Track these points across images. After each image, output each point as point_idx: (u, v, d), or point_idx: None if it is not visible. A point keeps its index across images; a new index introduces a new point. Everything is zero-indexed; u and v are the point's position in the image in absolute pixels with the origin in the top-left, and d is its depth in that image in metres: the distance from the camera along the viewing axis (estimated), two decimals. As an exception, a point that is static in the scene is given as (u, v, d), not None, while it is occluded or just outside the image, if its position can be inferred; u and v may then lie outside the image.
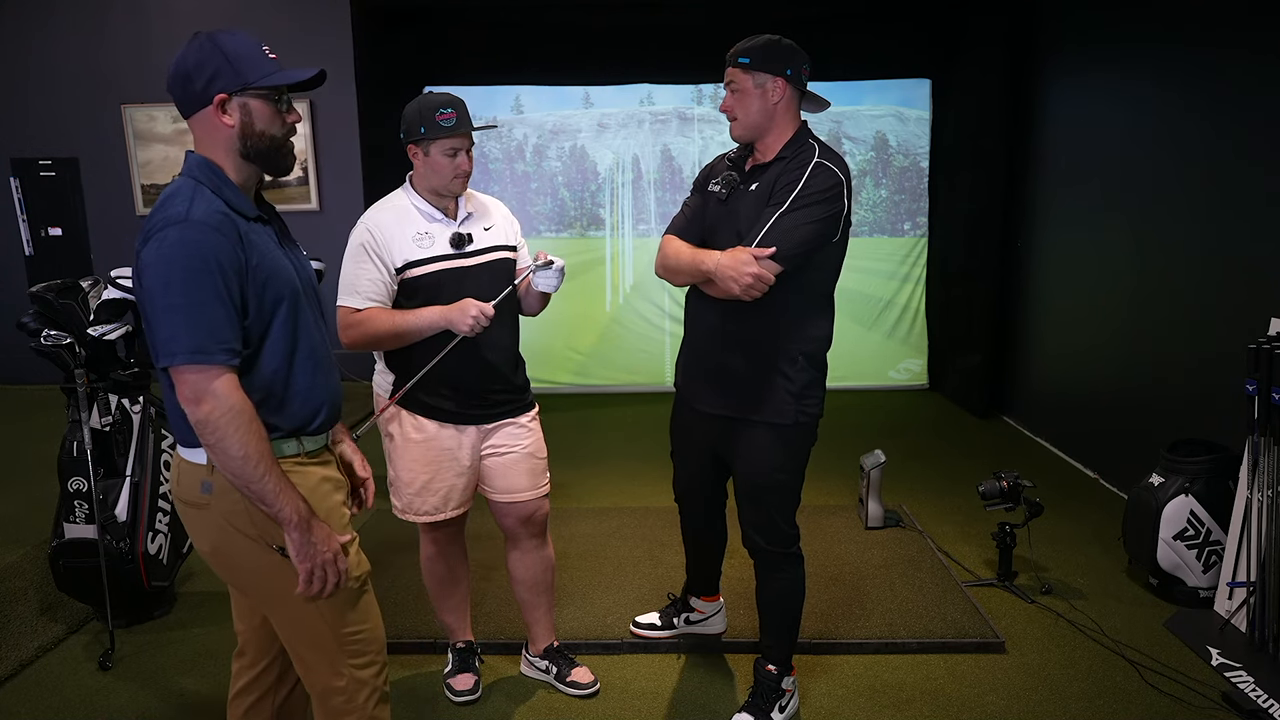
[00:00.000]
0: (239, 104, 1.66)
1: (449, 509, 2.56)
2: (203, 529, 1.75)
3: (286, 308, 1.70)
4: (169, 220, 1.57)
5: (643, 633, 3.03)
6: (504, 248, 2.55)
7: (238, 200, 1.67)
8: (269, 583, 1.75)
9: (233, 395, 1.58)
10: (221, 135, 1.67)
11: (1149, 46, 4.27)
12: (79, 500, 3.05)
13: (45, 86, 6.91)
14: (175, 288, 1.55)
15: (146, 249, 1.58)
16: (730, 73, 2.32)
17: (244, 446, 1.58)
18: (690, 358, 2.55)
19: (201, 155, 1.69)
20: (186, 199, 1.60)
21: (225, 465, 1.60)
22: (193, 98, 1.65)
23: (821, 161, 2.26)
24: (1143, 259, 4.30)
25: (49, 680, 2.90)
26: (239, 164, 1.69)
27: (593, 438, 5.63)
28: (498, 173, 6.82)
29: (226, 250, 1.59)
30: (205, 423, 1.57)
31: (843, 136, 6.67)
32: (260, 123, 1.68)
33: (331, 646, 1.79)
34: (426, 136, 2.37)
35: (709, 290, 2.33)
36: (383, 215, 2.43)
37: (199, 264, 1.56)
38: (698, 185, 2.53)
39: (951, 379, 6.48)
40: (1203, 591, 3.23)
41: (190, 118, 1.68)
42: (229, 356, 1.58)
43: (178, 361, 1.56)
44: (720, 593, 3.00)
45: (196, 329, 1.55)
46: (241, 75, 1.65)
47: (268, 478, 1.61)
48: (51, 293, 3.04)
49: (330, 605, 1.76)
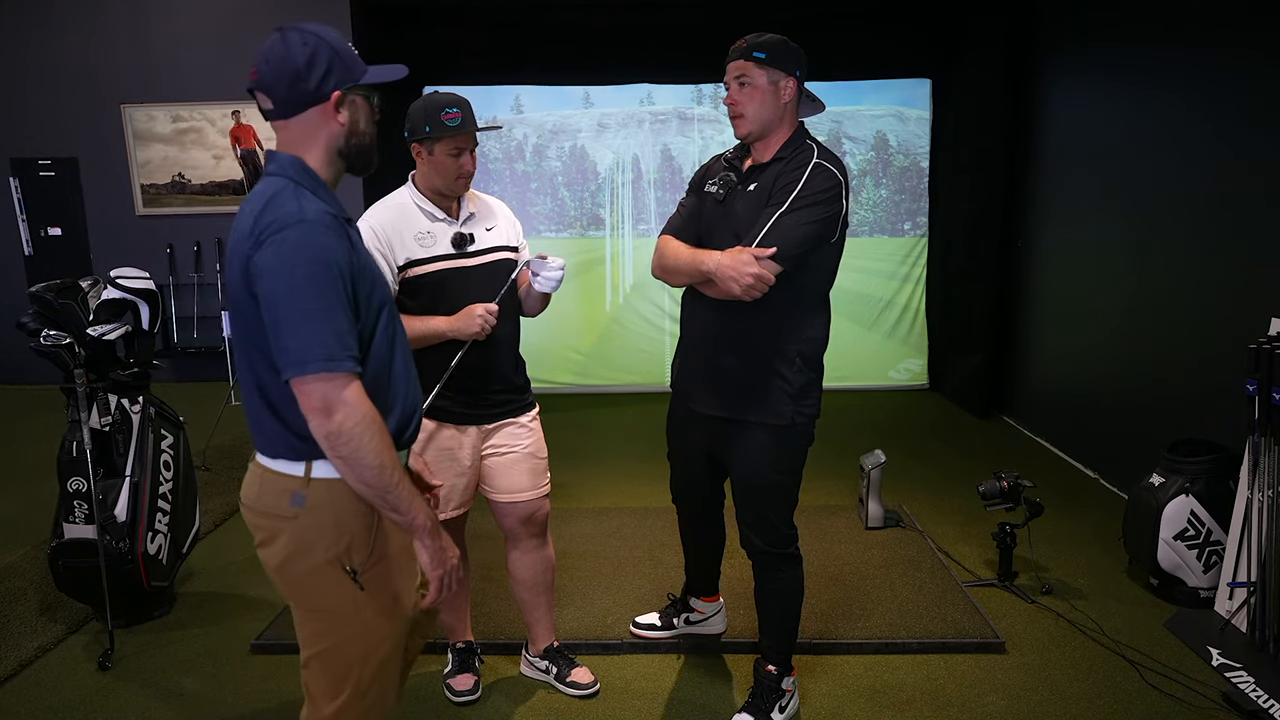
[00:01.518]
0: (350, 101, 1.62)
1: (450, 509, 2.55)
2: (281, 543, 1.65)
3: (387, 313, 1.67)
4: (284, 222, 1.49)
5: (642, 633, 3.03)
6: (506, 248, 2.55)
7: (334, 202, 1.61)
8: (329, 603, 1.67)
9: (364, 403, 1.52)
10: (326, 133, 1.61)
11: (1149, 46, 4.27)
12: (79, 500, 3.05)
13: (45, 86, 6.91)
14: (302, 293, 1.48)
15: (262, 253, 1.49)
16: (741, 66, 2.27)
17: (379, 455, 1.52)
18: (687, 358, 2.54)
19: (293, 155, 1.61)
20: (294, 200, 1.53)
21: (361, 476, 1.54)
22: (303, 95, 1.58)
23: (821, 162, 2.26)
24: (1143, 259, 4.29)
25: (49, 680, 2.90)
26: (333, 163, 1.64)
27: (593, 438, 5.63)
28: (498, 173, 6.81)
29: (343, 252, 1.53)
30: (339, 433, 1.50)
31: (843, 136, 6.67)
32: (363, 122, 1.65)
33: (357, 677, 1.70)
34: (431, 135, 2.36)
35: (708, 291, 2.32)
36: (385, 214, 2.43)
37: (322, 268, 1.49)
38: (694, 186, 2.52)
39: (951, 379, 6.48)
40: (1203, 592, 3.23)
41: (291, 117, 1.60)
42: (356, 364, 1.52)
43: (310, 370, 1.48)
44: (720, 593, 3.00)
45: (326, 337, 1.48)
46: (352, 72, 1.61)
47: (402, 485, 1.57)
48: (51, 293, 3.04)
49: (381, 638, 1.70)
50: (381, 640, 1.71)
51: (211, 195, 7.02)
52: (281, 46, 1.58)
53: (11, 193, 7.06)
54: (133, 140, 6.94)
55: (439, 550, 1.65)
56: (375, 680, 1.72)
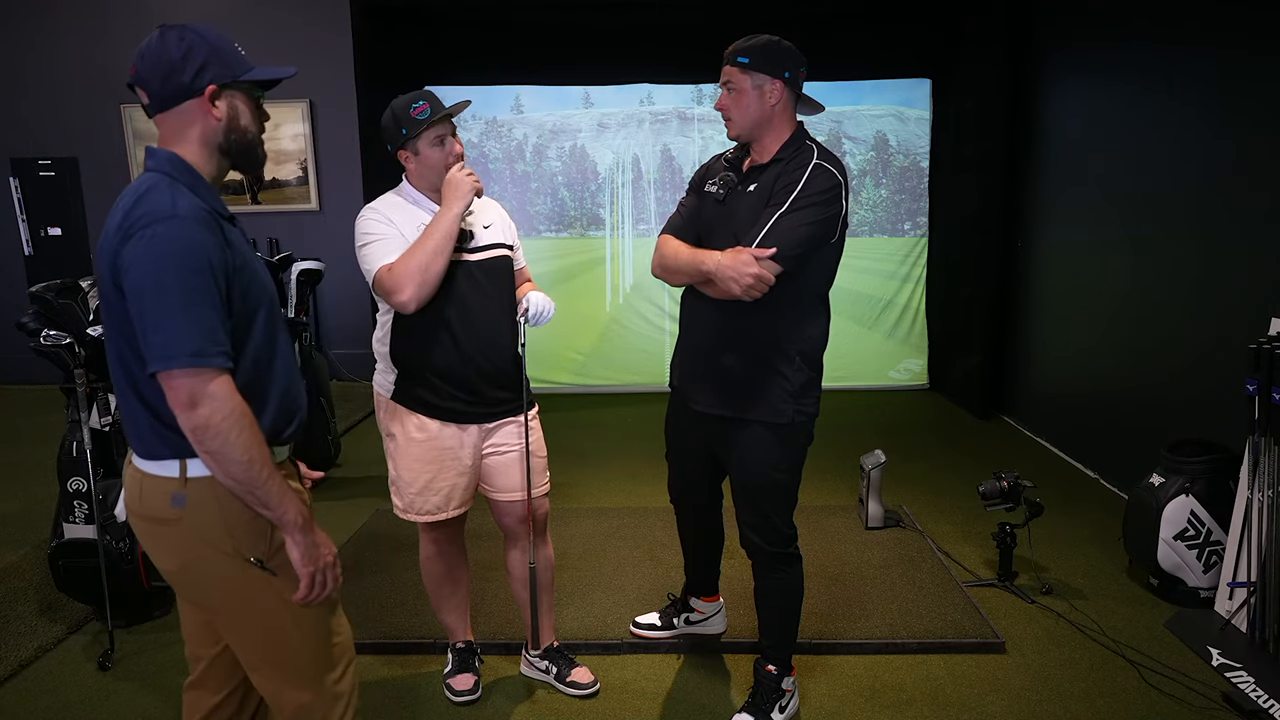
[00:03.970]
0: (228, 97, 1.62)
1: (450, 508, 2.55)
2: (171, 546, 1.65)
3: (265, 312, 1.65)
4: (154, 216, 1.49)
5: (643, 633, 3.03)
6: (503, 245, 2.56)
7: (213, 199, 1.61)
8: (245, 599, 1.67)
9: (232, 398, 1.51)
10: (202, 129, 1.61)
11: (1149, 46, 4.27)
12: (78, 500, 3.05)
13: (45, 86, 6.91)
14: (169, 288, 1.47)
15: (130, 246, 1.49)
16: (727, 71, 2.31)
17: (248, 450, 1.52)
18: (686, 358, 2.54)
19: (172, 151, 1.61)
20: (167, 195, 1.53)
21: (228, 471, 1.53)
22: (178, 89, 1.58)
23: (821, 163, 2.27)
24: (1143, 258, 4.29)
25: (49, 680, 2.89)
26: (214, 160, 1.64)
27: (593, 438, 5.63)
28: (498, 173, 6.81)
29: (215, 248, 1.53)
30: (205, 427, 1.49)
31: (843, 136, 6.67)
32: (244, 119, 1.65)
33: (305, 662, 1.72)
34: (409, 135, 2.37)
35: (708, 290, 2.33)
36: (384, 206, 2.44)
37: (192, 263, 1.49)
38: (694, 185, 2.53)
39: (951, 379, 6.48)
40: (1203, 592, 3.23)
41: (166, 111, 1.60)
42: (225, 359, 1.52)
43: (174, 365, 1.47)
44: (720, 593, 3.00)
45: (194, 332, 1.48)
46: (230, 68, 1.61)
47: (272, 480, 1.56)
48: (51, 293, 3.04)
49: (313, 616, 1.71)
50: (316, 620, 1.72)
51: (211, 195, 7.03)
52: (158, 43, 1.60)
53: (11, 193, 7.06)
54: (132, 140, 6.94)
55: (311, 546, 1.62)
56: (328, 659, 1.74)
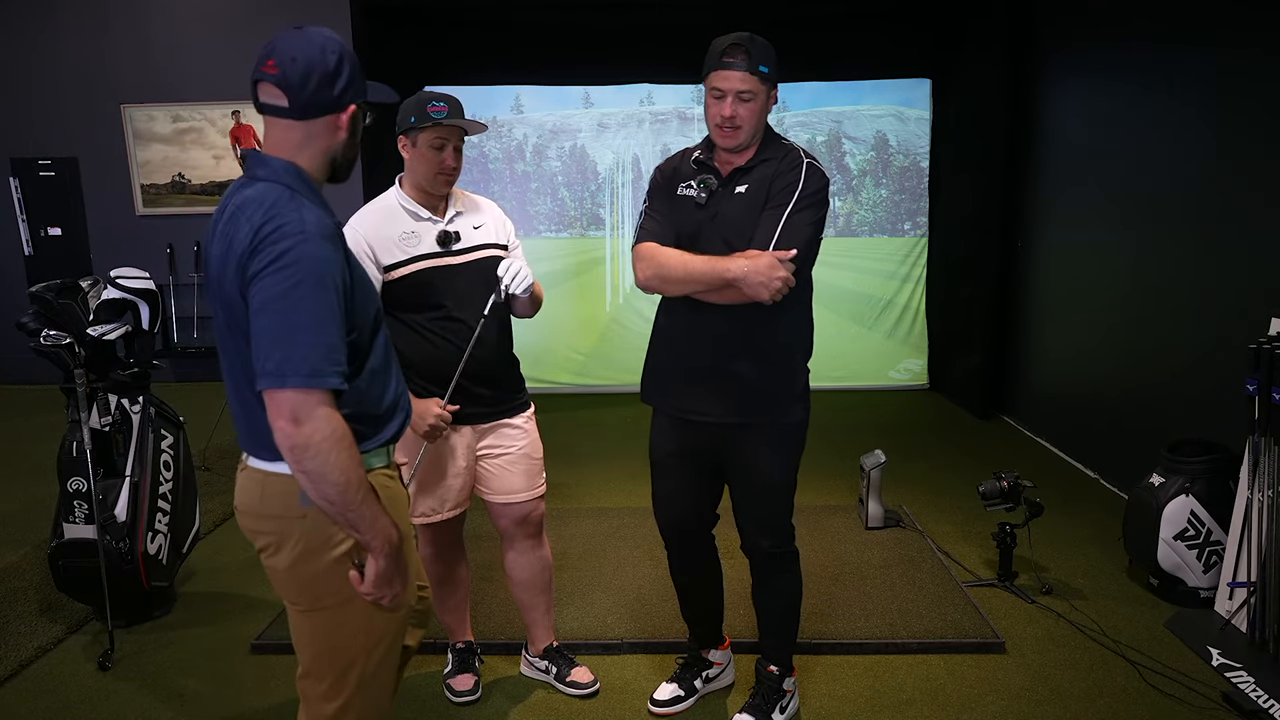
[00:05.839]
0: (353, 114, 1.63)
1: (445, 509, 2.56)
2: (291, 544, 1.63)
3: (380, 315, 1.69)
4: (285, 233, 1.48)
5: (667, 710, 2.66)
6: (494, 245, 2.54)
7: (328, 209, 1.60)
8: (342, 598, 1.66)
9: (334, 418, 1.49)
10: (331, 142, 1.61)
11: (1149, 46, 4.27)
12: (79, 500, 3.05)
13: (45, 86, 6.91)
14: (297, 306, 1.46)
15: (259, 260, 1.48)
16: (745, 79, 2.22)
17: (345, 472, 1.50)
18: (680, 370, 2.41)
19: (287, 160, 1.59)
20: (294, 208, 1.52)
21: (323, 492, 1.50)
22: (326, 101, 1.57)
23: (812, 163, 2.28)
24: (1143, 259, 4.29)
25: (49, 680, 2.90)
26: (325, 171, 1.64)
27: (593, 438, 5.63)
28: (498, 173, 6.81)
29: (339, 266, 1.53)
30: (306, 446, 1.46)
31: (843, 136, 6.67)
32: (358, 134, 1.67)
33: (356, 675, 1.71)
34: (416, 125, 2.38)
35: (716, 298, 2.23)
36: (369, 218, 2.43)
37: (322, 281, 1.48)
38: (662, 189, 2.41)
39: (951, 379, 6.48)
40: (1203, 592, 3.23)
41: (306, 120, 1.58)
42: (340, 380, 1.50)
43: (289, 384, 1.45)
44: (729, 637, 2.82)
45: (314, 351, 1.47)
46: (363, 86, 1.63)
47: (366, 504, 1.54)
48: (51, 293, 3.04)
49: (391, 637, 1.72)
50: (384, 634, 1.72)
51: (211, 195, 7.02)
52: (309, 47, 1.55)
53: (11, 193, 7.06)
54: (133, 140, 6.94)
55: (385, 575, 1.60)
56: (375, 677, 1.73)
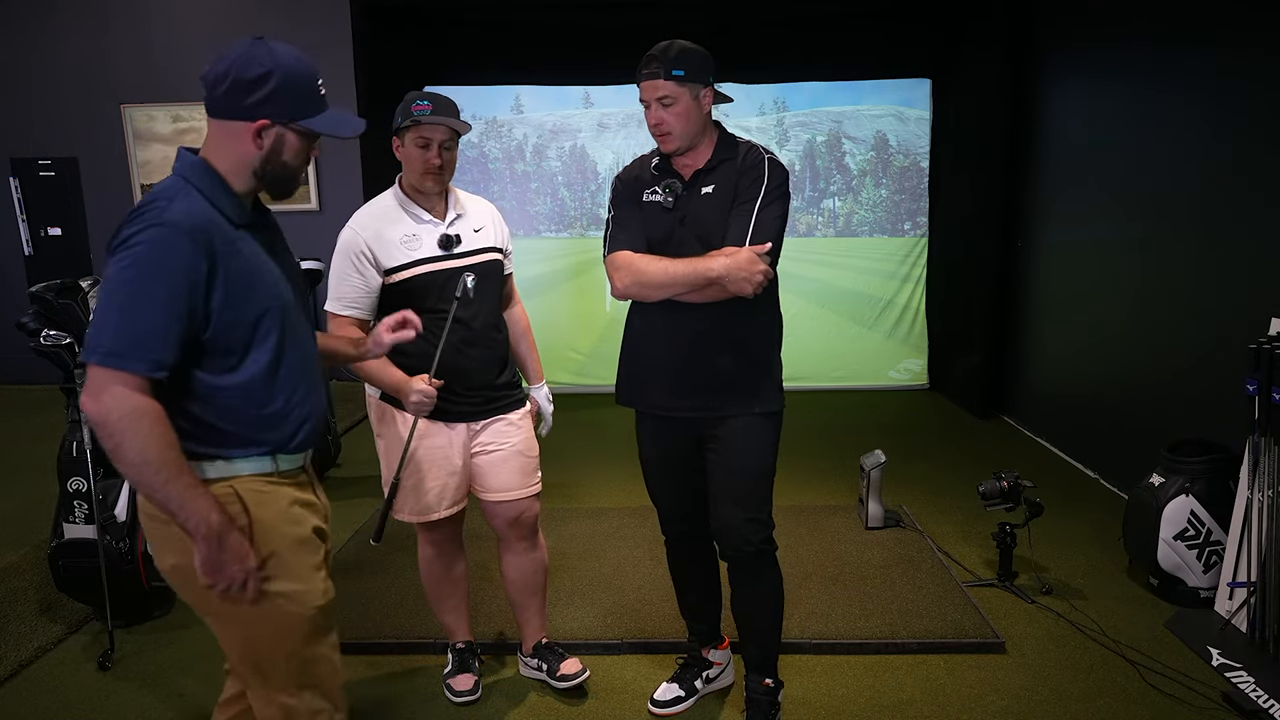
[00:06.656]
0: (276, 133, 1.62)
1: (442, 508, 2.55)
2: (169, 543, 1.65)
3: (271, 319, 1.65)
4: (144, 220, 1.53)
5: (667, 711, 2.66)
6: (493, 249, 2.55)
7: (229, 207, 1.62)
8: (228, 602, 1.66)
9: (133, 398, 1.50)
10: (238, 150, 1.62)
11: (1149, 46, 4.27)
12: (78, 500, 3.05)
13: (45, 86, 6.91)
14: (123, 287, 1.51)
15: (115, 241, 1.54)
16: (660, 86, 2.23)
17: (142, 451, 1.50)
18: (659, 372, 2.40)
19: (202, 158, 1.63)
20: (168, 199, 1.56)
21: (124, 470, 1.53)
22: (235, 107, 1.59)
23: (773, 158, 2.33)
24: (1143, 259, 4.29)
25: (48, 680, 2.90)
26: (245, 178, 1.65)
27: (593, 438, 5.63)
28: (498, 173, 6.81)
29: (190, 259, 1.53)
30: (102, 423, 1.49)
31: (843, 136, 6.66)
32: (287, 154, 1.65)
33: (283, 674, 1.71)
34: (402, 126, 2.40)
35: (696, 298, 2.25)
36: (370, 221, 2.44)
37: (152, 268, 1.51)
38: (627, 198, 2.43)
39: (951, 379, 6.48)
40: (1203, 591, 3.22)
41: (217, 120, 1.62)
42: (149, 368, 1.51)
43: (91, 360, 1.50)
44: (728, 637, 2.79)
45: (122, 334, 1.50)
46: (292, 110, 1.61)
47: (170, 485, 1.53)
48: (51, 293, 3.04)
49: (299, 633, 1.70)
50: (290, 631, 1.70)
51: (211, 195, 7.03)
52: (244, 55, 1.59)
53: (11, 193, 7.06)
54: (133, 140, 6.94)
55: (213, 557, 1.58)
56: (305, 674, 1.73)
